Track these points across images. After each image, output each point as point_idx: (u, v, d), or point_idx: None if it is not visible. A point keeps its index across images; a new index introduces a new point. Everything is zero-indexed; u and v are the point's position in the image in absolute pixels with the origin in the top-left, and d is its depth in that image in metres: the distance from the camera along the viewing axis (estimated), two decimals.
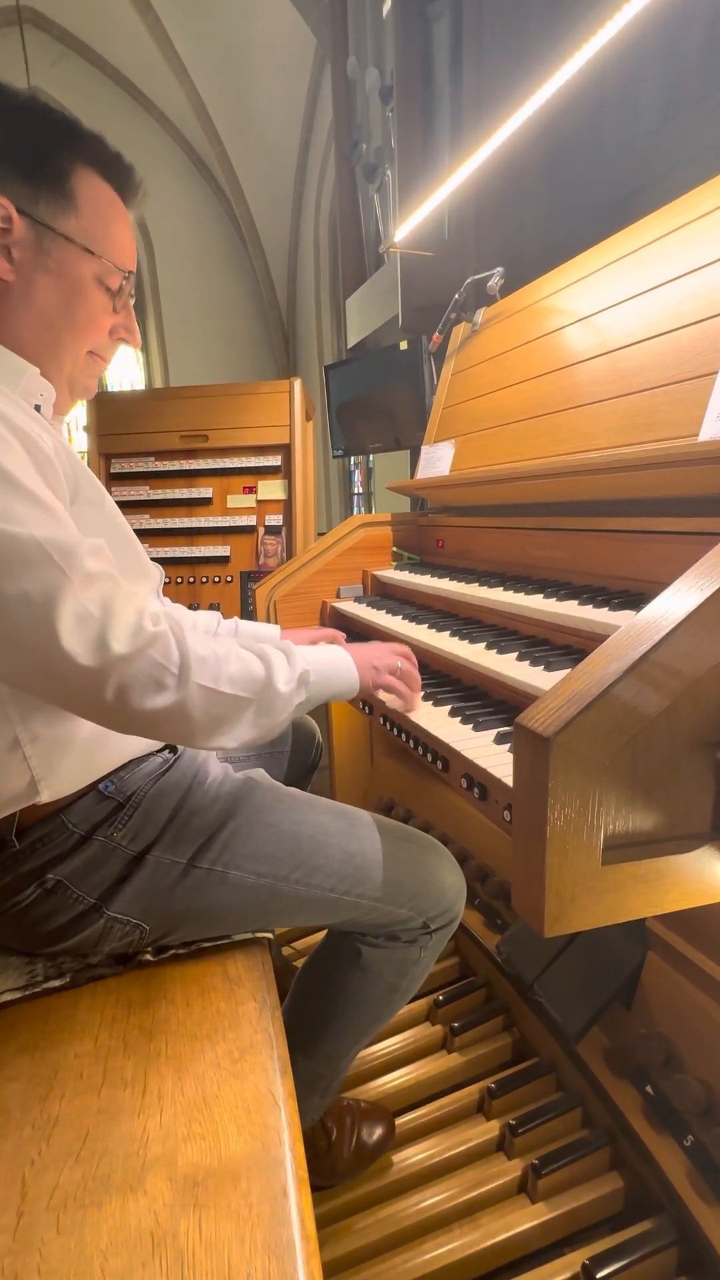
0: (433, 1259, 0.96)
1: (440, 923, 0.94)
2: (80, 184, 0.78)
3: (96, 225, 0.80)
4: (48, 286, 0.78)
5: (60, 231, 0.77)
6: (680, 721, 0.59)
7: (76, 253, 0.79)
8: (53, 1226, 0.55)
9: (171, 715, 0.70)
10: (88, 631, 0.64)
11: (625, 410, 1.16)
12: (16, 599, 0.63)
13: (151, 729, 0.72)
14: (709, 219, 1.10)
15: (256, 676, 0.76)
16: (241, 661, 0.76)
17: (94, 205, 0.79)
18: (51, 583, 0.63)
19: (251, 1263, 0.52)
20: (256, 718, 0.77)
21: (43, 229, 0.76)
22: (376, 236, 2.92)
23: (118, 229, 0.82)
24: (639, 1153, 0.99)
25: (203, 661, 0.71)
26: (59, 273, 0.78)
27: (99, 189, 0.80)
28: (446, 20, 2.28)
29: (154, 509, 2.74)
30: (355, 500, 7.50)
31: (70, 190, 0.77)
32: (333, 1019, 0.98)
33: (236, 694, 0.74)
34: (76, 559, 0.65)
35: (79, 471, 0.81)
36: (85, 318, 0.82)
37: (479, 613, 1.34)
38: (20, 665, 0.66)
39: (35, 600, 0.63)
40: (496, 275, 1.73)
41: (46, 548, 0.63)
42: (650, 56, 1.92)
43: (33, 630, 0.63)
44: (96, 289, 0.81)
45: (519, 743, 0.58)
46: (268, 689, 0.77)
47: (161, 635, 0.69)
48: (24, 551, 0.63)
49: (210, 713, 0.72)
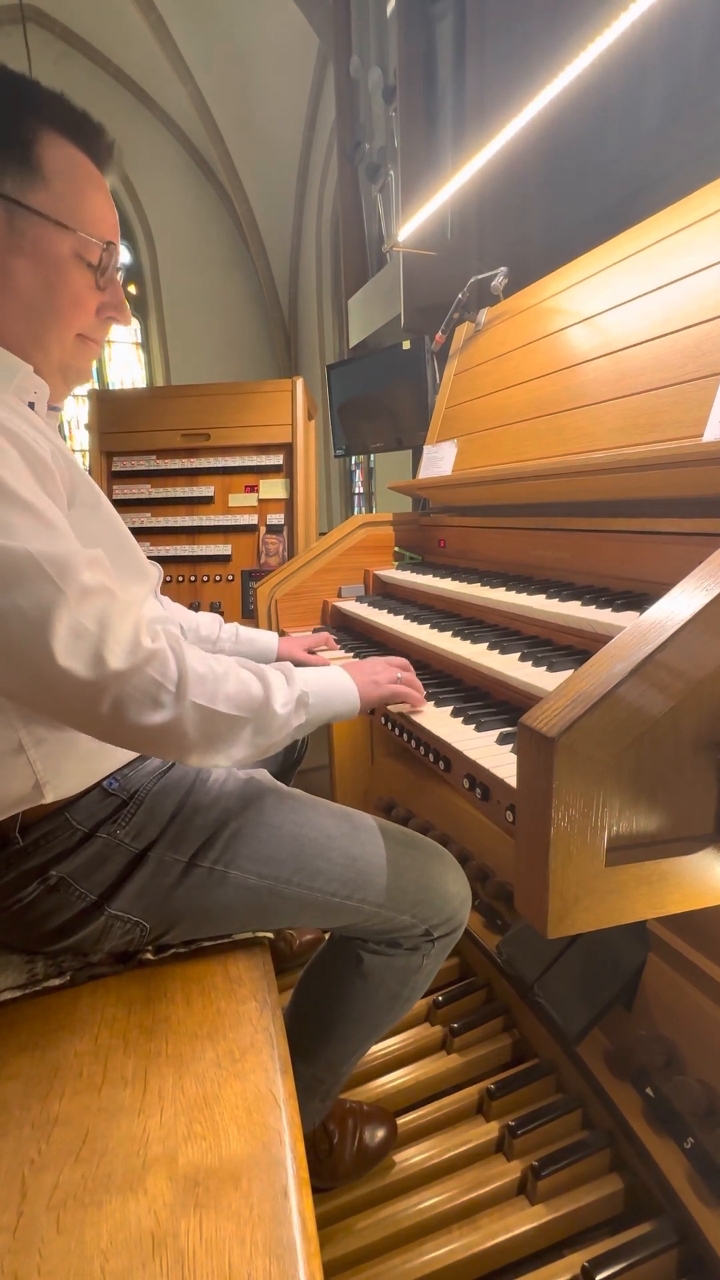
0: (432, 1260, 0.96)
1: (443, 931, 0.93)
2: (47, 151, 0.72)
3: (68, 196, 0.73)
4: (24, 270, 0.73)
5: (30, 206, 0.71)
6: (684, 723, 0.59)
7: (51, 229, 0.73)
8: (53, 1226, 0.55)
9: (167, 732, 0.69)
10: (83, 647, 0.64)
11: (628, 411, 1.16)
12: (10, 614, 0.62)
13: (146, 745, 0.71)
14: (712, 220, 1.10)
15: (254, 697, 0.75)
16: (239, 681, 0.75)
17: (64, 174, 0.73)
18: (46, 597, 0.62)
19: (252, 1263, 0.52)
20: (253, 737, 0.76)
21: (11, 206, 0.71)
22: (379, 236, 2.92)
23: (92, 197, 0.76)
24: (639, 1155, 0.99)
25: (200, 680, 0.70)
26: (34, 253, 0.73)
27: (68, 154, 0.73)
28: (450, 20, 2.28)
29: (155, 507, 2.73)
30: (356, 500, 7.50)
31: (37, 160, 0.71)
32: (333, 1025, 0.98)
33: (233, 713, 0.73)
34: (72, 573, 0.64)
35: (75, 474, 0.79)
36: (69, 299, 0.76)
37: (481, 613, 1.34)
38: (15, 679, 0.65)
39: (29, 615, 0.62)
40: (500, 275, 1.73)
41: (41, 562, 0.62)
42: (654, 57, 1.92)
43: (27, 645, 0.62)
44: (77, 266, 0.76)
45: (523, 743, 0.58)
46: (265, 709, 0.76)
47: (159, 652, 0.68)
48: (18, 565, 0.62)
49: (206, 731, 0.71)
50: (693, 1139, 0.94)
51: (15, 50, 6.11)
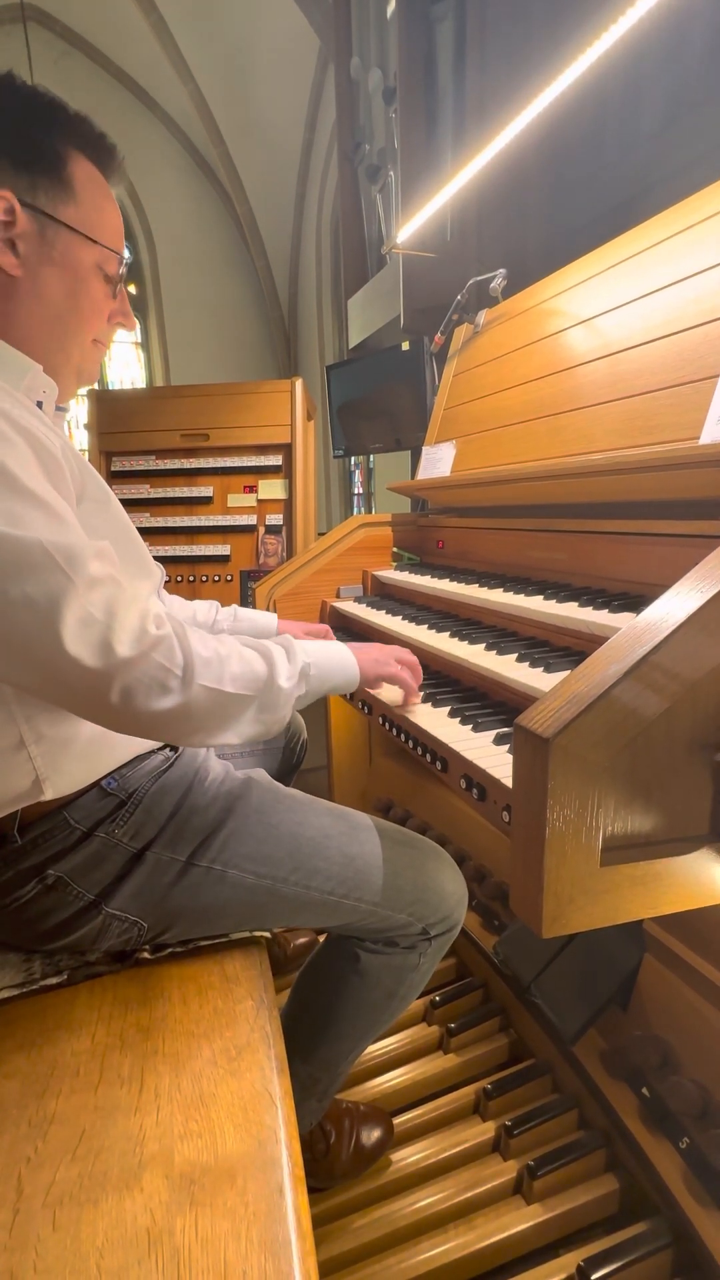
0: (428, 1259, 0.96)
1: (440, 929, 0.93)
2: (75, 170, 0.77)
3: (92, 211, 0.79)
4: (53, 278, 0.77)
5: (62, 221, 0.76)
6: (679, 724, 0.59)
7: (79, 242, 0.78)
8: (49, 1224, 0.55)
9: (176, 716, 0.70)
10: (92, 635, 0.64)
11: (626, 413, 1.16)
12: (20, 602, 0.63)
13: (156, 730, 0.73)
14: (711, 223, 1.10)
15: (259, 674, 0.77)
16: (244, 660, 0.76)
17: (88, 190, 0.78)
18: (55, 586, 0.63)
19: (248, 1260, 0.52)
20: (259, 714, 0.78)
21: (45, 220, 0.75)
22: (379, 237, 2.92)
23: (109, 211, 0.81)
24: (635, 1155, 0.99)
25: (206, 663, 0.72)
26: (63, 264, 0.77)
27: (89, 172, 0.79)
28: (450, 22, 2.28)
29: (154, 507, 2.74)
30: (355, 500, 7.51)
31: (68, 177, 0.76)
32: (330, 1024, 0.98)
33: (239, 692, 0.74)
34: (80, 562, 0.65)
35: (85, 471, 0.81)
36: (90, 307, 0.81)
37: (479, 614, 1.35)
38: (24, 669, 0.66)
39: (39, 604, 0.63)
40: (499, 277, 1.73)
41: (50, 551, 0.63)
42: (653, 60, 1.93)
43: (37, 634, 0.63)
44: (97, 276, 0.81)
45: (519, 744, 0.58)
46: (270, 685, 0.78)
47: (165, 638, 0.69)
48: (28, 554, 0.63)
49: (214, 712, 0.73)
50: (688, 1139, 0.94)
51: (16, 50, 6.12)
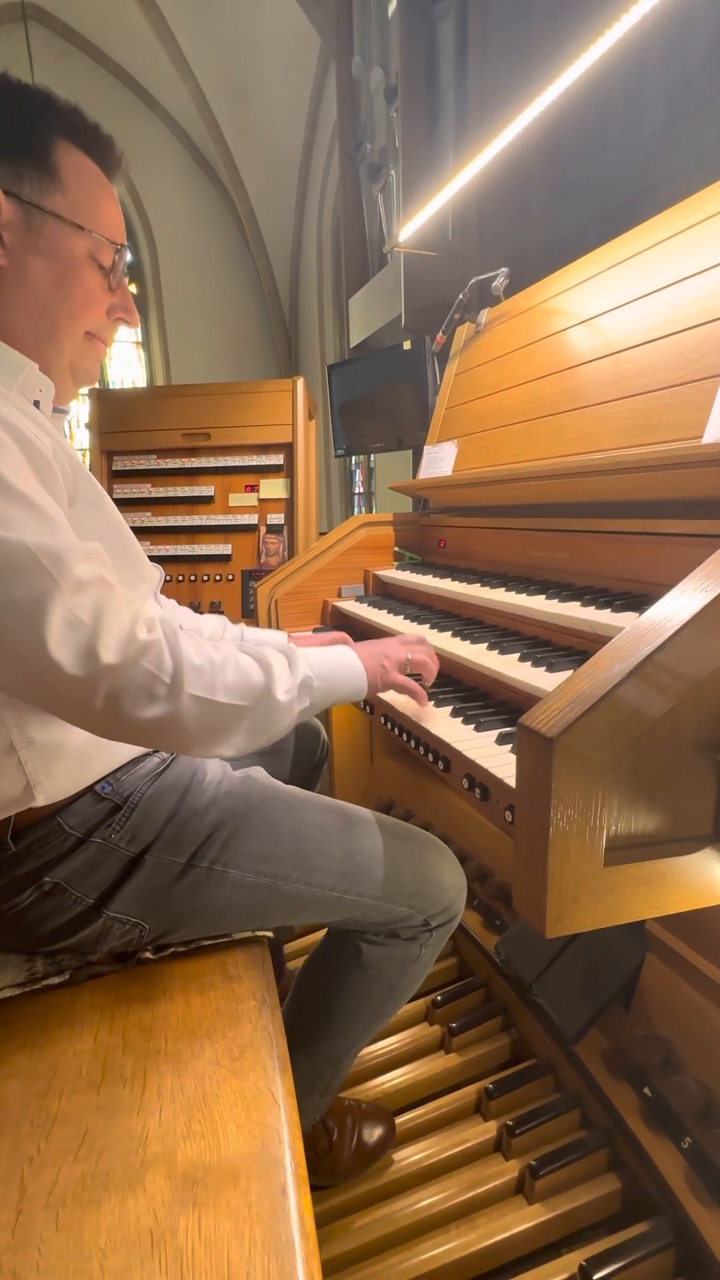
0: (430, 1259, 0.96)
1: (440, 920, 0.93)
2: (63, 159, 0.76)
3: (83, 200, 0.78)
4: (40, 268, 0.76)
5: (49, 209, 0.75)
6: (683, 724, 0.59)
7: (68, 230, 0.77)
8: (51, 1224, 0.55)
9: (164, 725, 0.68)
10: (77, 639, 0.63)
11: (628, 412, 1.16)
12: (6, 605, 0.62)
13: (144, 738, 0.71)
14: (713, 222, 1.10)
15: (255, 684, 0.74)
16: (239, 670, 0.74)
17: (79, 180, 0.77)
18: (41, 589, 0.62)
19: (251, 1261, 0.52)
20: (254, 726, 0.75)
21: (31, 209, 0.74)
22: (380, 236, 2.92)
23: (105, 203, 0.80)
24: (637, 1154, 0.99)
25: (197, 671, 0.69)
26: (51, 253, 0.76)
27: (81, 163, 0.78)
28: (451, 20, 2.28)
29: (156, 507, 2.73)
30: (357, 500, 7.50)
31: (54, 166, 0.75)
32: (333, 1018, 0.98)
33: (233, 703, 0.72)
34: (67, 564, 0.63)
35: (78, 473, 0.79)
36: (81, 297, 0.80)
37: (481, 613, 1.34)
38: (11, 673, 0.65)
39: (24, 607, 0.62)
40: (501, 276, 1.73)
41: (36, 553, 0.62)
42: (655, 59, 1.93)
43: (22, 637, 0.62)
44: (90, 266, 0.80)
45: (522, 743, 0.58)
46: (266, 697, 0.75)
47: (154, 644, 0.67)
48: (13, 557, 0.62)
49: (205, 723, 0.71)
50: (690, 1139, 0.94)
51: (16, 48, 6.12)
